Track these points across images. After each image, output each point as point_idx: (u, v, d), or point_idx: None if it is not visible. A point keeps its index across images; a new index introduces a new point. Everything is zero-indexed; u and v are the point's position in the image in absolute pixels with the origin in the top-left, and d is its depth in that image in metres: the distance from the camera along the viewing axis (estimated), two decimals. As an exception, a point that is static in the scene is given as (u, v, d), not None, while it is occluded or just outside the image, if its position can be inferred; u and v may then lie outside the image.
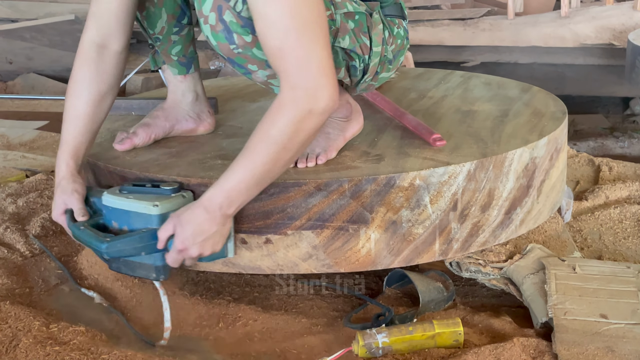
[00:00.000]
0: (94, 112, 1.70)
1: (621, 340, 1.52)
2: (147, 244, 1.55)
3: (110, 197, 1.61)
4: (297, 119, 1.47)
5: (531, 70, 4.47)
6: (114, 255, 1.56)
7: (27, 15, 4.76)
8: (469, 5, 5.56)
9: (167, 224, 1.54)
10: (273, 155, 1.49)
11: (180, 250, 1.53)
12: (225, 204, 1.51)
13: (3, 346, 1.55)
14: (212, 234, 1.53)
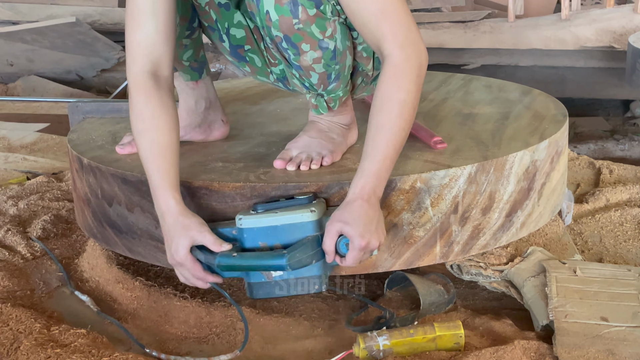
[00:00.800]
0: (174, 142, 1.60)
1: (622, 343, 1.52)
2: (315, 251, 1.50)
3: (251, 219, 1.53)
4: (416, 75, 1.52)
5: (532, 72, 4.47)
6: (295, 266, 1.48)
7: (28, 18, 4.76)
8: (470, 8, 5.56)
9: (329, 231, 1.49)
10: (407, 118, 1.52)
11: (363, 246, 1.48)
12: (378, 187, 1.51)
13: (4, 348, 1.55)
14: (377, 220, 1.51)
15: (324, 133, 1.76)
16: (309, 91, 1.71)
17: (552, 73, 4.46)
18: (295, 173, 1.67)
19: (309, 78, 1.66)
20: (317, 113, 1.76)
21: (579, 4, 4.90)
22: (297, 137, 1.77)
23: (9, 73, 4.38)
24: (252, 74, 1.83)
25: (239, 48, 1.76)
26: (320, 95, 1.72)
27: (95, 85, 4.25)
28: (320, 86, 1.69)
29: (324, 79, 1.67)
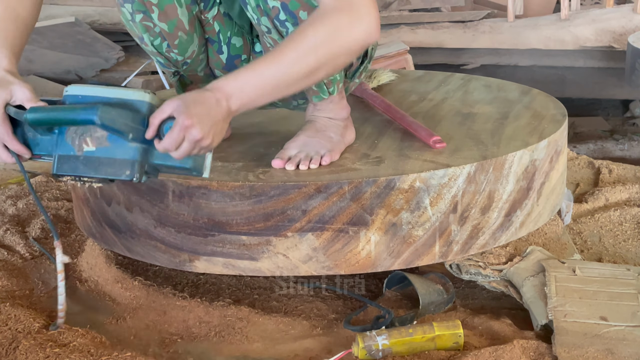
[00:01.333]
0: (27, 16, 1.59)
1: (621, 342, 1.52)
2: (136, 127, 1.34)
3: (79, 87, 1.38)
4: (336, 25, 1.40)
5: (531, 72, 4.47)
6: (106, 122, 1.30)
7: (28, 18, 4.76)
8: (469, 8, 5.56)
9: (165, 105, 1.35)
10: (301, 58, 1.40)
11: (186, 126, 1.33)
12: (235, 96, 1.39)
13: (3, 348, 1.55)
14: (216, 122, 1.37)
15: (322, 132, 1.76)
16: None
17: (551, 73, 4.46)
18: (294, 172, 1.68)
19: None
20: (318, 100, 1.74)
21: (578, 4, 4.90)
22: (295, 136, 1.77)
23: (9, 73, 4.37)
24: None
25: (236, 59, 1.78)
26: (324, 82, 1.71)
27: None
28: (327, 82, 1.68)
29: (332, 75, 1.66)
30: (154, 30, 1.66)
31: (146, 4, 1.61)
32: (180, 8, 1.64)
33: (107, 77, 4.25)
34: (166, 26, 1.65)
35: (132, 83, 4.02)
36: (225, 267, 1.69)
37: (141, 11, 1.62)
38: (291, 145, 1.74)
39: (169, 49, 1.70)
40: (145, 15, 1.63)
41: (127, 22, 1.67)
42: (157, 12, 1.62)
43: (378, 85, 2.35)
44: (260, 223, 1.64)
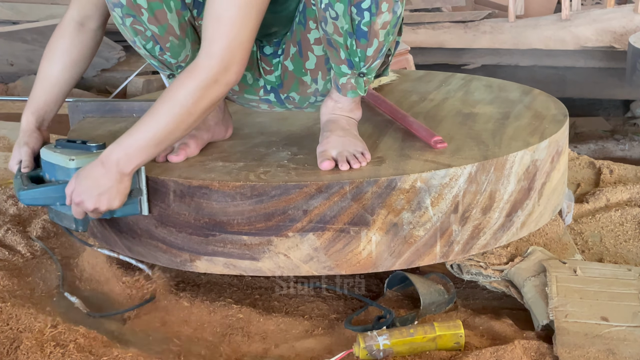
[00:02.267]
0: (63, 76, 1.81)
1: (622, 343, 1.52)
2: (60, 196, 1.65)
3: (45, 151, 1.72)
4: (205, 85, 1.56)
5: (532, 72, 4.47)
6: (28, 202, 1.68)
7: (28, 17, 4.76)
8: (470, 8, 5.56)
9: (72, 178, 1.62)
10: (176, 117, 1.57)
11: (77, 203, 1.61)
12: (123, 161, 1.57)
13: (4, 348, 1.55)
14: (107, 189, 1.59)
15: (348, 131, 1.76)
16: (351, 70, 1.70)
17: (552, 73, 4.47)
18: (295, 172, 1.67)
19: (370, 47, 1.65)
20: (353, 95, 1.75)
21: (579, 4, 4.90)
22: (324, 137, 1.74)
23: (9, 73, 4.38)
24: (238, 93, 1.84)
25: None
26: (361, 75, 1.71)
27: (95, 84, 4.25)
28: (369, 60, 1.68)
29: (378, 50, 1.67)
30: (145, 34, 1.67)
31: (135, 8, 1.62)
32: (170, 13, 1.64)
33: (107, 77, 4.25)
34: (157, 30, 1.66)
35: (133, 83, 4.02)
36: (226, 267, 1.69)
37: (130, 15, 1.63)
38: (327, 146, 1.71)
39: (161, 52, 1.71)
40: (135, 19, 1.64)
41: (119, 25, 1.68)
42: (147, 16, 1.63)
43: (379, 85, 2.35)
44: (261, 223, 1.64)
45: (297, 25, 1.75)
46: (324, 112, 1.81)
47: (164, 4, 1.63)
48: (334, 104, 1.79)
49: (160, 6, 1.63)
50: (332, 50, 1.69)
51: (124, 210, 1.67)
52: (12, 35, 4.24)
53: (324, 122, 1.80)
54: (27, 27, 4.27)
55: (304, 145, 1.83)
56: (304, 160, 1.74)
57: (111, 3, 1.63)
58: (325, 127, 1.78)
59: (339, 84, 1.74)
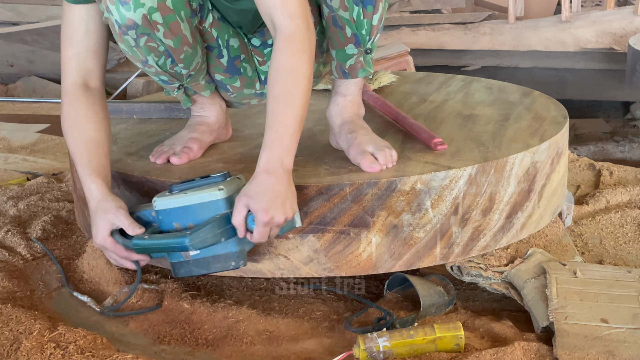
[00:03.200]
0: (100, 137, 1.69)
1: (622, 344, 1.52)
2: (224, 229, 1.51)
3: (164, 200, 1.56)
4: (307, 44, 1.53)
5: (532, 74, 4.47)
6: (198, 246, 1.51)
7: (29, 18, 4.76)
8: (470, 10, 5.56)
9: (237, 207, 1.49)
10: (304, 87, 1.52)
11: (266, 222, 1.47)
12: (284, 157, 1.50)
13: (4, 349, 1.55)
14: (285, 194, 1.49)
15: (368, 129, 1.77)
16: (358, 48, 1.71)
17: (552, 75, 4.47)
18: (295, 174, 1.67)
19: (376, 13, 1.66)
20: (364, 74, 1.75)
21: (579, 5, 4.91)
22: (352, 139, 1.72)
23: (9, 74, 4.38)
24: (239, 88, 1.84)
25: (236, 59, 1.79)
26: (367, 51, 1.72)
27: (95, 86, 4.25)
28: (374, 32, 1.70)
29: (380, 19, 1.69)
30: (158, 50, 1.66)
31: (151, 25, 1.60)
32: (182, 23, 1.64)
33: (108, 78, 4.25)
34: (172, 42, 1.65)
35: (133, 84, 4.02)
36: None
37: (145, 34, 1.62)
38: (361, 146, 1.70)
39: (173, 65, 1.70)
40: (150, 37, 1.62)
41: (130, 48, 1.66)
42: (163, 31, 1.62)
43: (379, 87, 2.35)
44: (262, 224, 1.63)
45: None
46: (334, 114, 1.80)
47: (176, 15, 1.62)
48: (343, 99, 1.79)
49: (174, 18, 1.62)
50: (337, 30, 1.69)
51: (287, 224, 1.55)
52: (12, 36, 4.24)
53: (340, 124, 1.78)
54: (27, 28, 4.27)
55: (304, 147, 1.83)
56: (304, 162, 1.74)
57: (124, 27, 1.60)
58: (344, 129, 1.77)
59: (346, 69, 1.74)
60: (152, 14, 1.59)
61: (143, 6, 1.58)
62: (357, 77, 1.76)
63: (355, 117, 1.79)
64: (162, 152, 1.81)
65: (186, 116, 2.11)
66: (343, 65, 1.74)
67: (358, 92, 1.79)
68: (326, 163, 1.74)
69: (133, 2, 1.57)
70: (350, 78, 1.76)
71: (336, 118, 1.80)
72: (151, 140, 1.98)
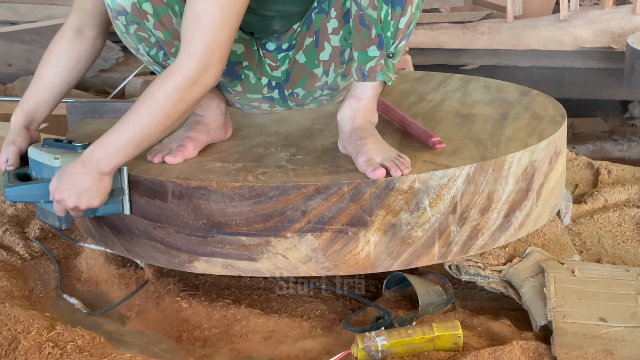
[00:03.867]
0: (56, 80, 1.83)
1: (620, 343, 1.52)
2: (44, 193, 1.67)
3: (32, 149, 1.75)
4: (184, 87, 1.56)
5: (530, 73, 4.47)
6: (13, 199, 1.72)
7: (27, 18, 4.76)
8: (468, 9, 5.56)
9: (55, 176, 1.64)
10: (155, 119, 1.58)
11: (57, 200, 1.62)
12: (103, 160, 1.59)
13: (2, 349, 1.55)
14: (87, 188, 1.60)
15: (379, 137, 1.73)
16: (380, 51, 1.68)
17: (550, 74, 4.47)
18: (293, 173, 1.67)
19: (404, 16, 1.64)
20: (383, 78, 1.71)
21: (577, 4, 4.91)
22: (361, 145, 1.69)
23: (8, 73, 4.37)
24: (241, 93, 1.83)
25: (237, 65, 1.78)
26: (390, 55, 1.69)
27: (93, 85, 4.25)
28: (399, 37, 1.67)
29: (408, 25, 1.66)
30: (149, 41, 1.66)
31: (140, 15, 1.61)
32: (175, 17, 1.64)
33: (106, 77, 4.25)
34: (162, 35, 1.65)
35: (131, 83, 4.02)
36: (225, 267, 1.69)
37: (135, 22, 1.63)
38: (369, 154, 1.66)
39: (165, 58, 1.70)
40: (140, 26, 1.63)
41: (122, 34, 1.68)
42: (153, 22, 1.63)
43: (377, 86, 2.35)
44: (260, 224, 1.64)
45: (316, 15, 1.73)
46: (346, 118, 1.75)
47: (169, 9, 1.63)
48: (357, 103, 1.74)
49: (165, 11, 1.63)
50: (363, 29, 1.66)
51: (106, 209, 1.69)
52: (10, 35, 4.24)
53: (350, 130, 1.74)
54: (25, 28, 4.27)
55: (303, 146, 1.83)
56: (302, 161, 1.74)
57: (115, 12, 1.63)
58: (354, 135, 1.72)
59: (365, 71, 1.70)
60: (142, 3, 1.61)
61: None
62: (376, 80, 1.71)
63: (368, 123, 1.75)
64: (159, 150, 1.81)
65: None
66: (363, 67, 1.70)
67: (374, 98, 1.74)
68: (324, 162, 1.73)
69: None
70: (369, 80, 1.71)
71: (347, 123, 1.75)
72: (149, 139, 1.98)
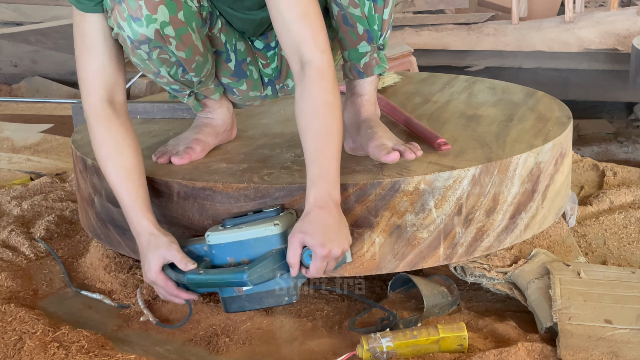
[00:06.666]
0: (139, 164, 1.66)
1: (626, 345, 1.51)
2: (280, 264, 1.52)
3: (218, 235, 1.57)
4: (335, 79, 1.56)
5: (535, 75, 4.47)
6: (256, 281, 1.51)
7: (32, 19, 4.77)
8: (473, 10, 5.56)
9: (292, 244, 1.48)
10: (339, 119, 1.54)
11: (324, 255, 1.47)
12: (332, 189, 1.50)
13: (7, 348, 1.56)
14: (338, 226, 1.50)
15: (386, 127, 1.75)
16: (371, 45, 1.70)
17: (555, 75, 4.46)
18: (299, 174, 1.67)
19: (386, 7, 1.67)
20: (380, 71, 1.74)
21: (582, 6, 4.90)
22: (372, 133, 1.71)
23: (13, 74, 4.38)
24: (245, 91, 1.84)
25: (243, 63, 1.80)
26: (380, 47, 1.72)
27: (98, 86, 4.25)
28: (385, 27, 1.70)
29: (390, 13, 1.69)
30: (170, 61, 1.65)
31: (163, 39, 1.59)
32: (194, 34, 1.64)
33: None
34: (184, 54, 1.64)
35: (136, 84, 4.03)
36: (230, 268, 1.68)
37: (158, 47, 1.61)
38: (381, 140, 1.68)
39: (184, 74, 1.70)
40: (162, 50, 1.62)
41: (143, 62, 1.64)
42: (175, 44, 1.61)
43: (382, 88, 2.35)
44: (265, 225, 1.63)
45: None
46: (350, 115, 1.78)
47: (188, 27, 1.62)
48: (360, 99, 1.77)
49: (185, 30, 1.62)
50: (348, 29, 1.68)
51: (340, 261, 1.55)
52: (16, 36, 4.25)
53: (358, 122, 1.76)
54: (31, 29, 4.28)
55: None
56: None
57: (137, 42, 1.59)
58: (364, 125, 1.75)
59: (360, 68, 1.73)
60: (164, 28, 1.58)
61: (155, 21, 1.56)
62: (373, 75, 1.75)
63: (373, 115, 1.78)
64: (165, 152, 1.81)
65: (190, 116, 2.11)
66: (357, 65, 1.73)
67: (374, 91, 1.78)
68: (330, 163, 1.73)
69: (145, 17, 1.56)
70: (366, 76, 1.75)
71: (353, 118, 1.78)
72: (154, 140, 1.99)
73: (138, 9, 1.55)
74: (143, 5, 1.55)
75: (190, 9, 1.61)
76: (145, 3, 1.55)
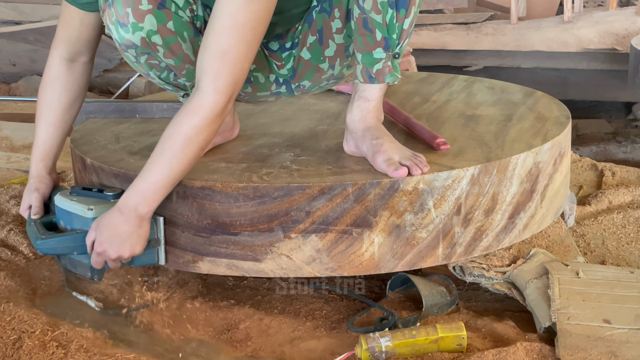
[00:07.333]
0: (64, 117, 1.83)
1: (624, 345, 1.52)
2: (78, 245, 1.64)
3: (60, 198, 1.72)
4: (213, 120, 1.55)
5: (534, 74, 4.47)
6: (46, 252, 1.69)
7: (31, 18, 4.76)
8: (472, 10, 5.56)
9: (91, 228, 1.61)
10: (189, 155, 1.56)
11: (98, 252, 1.60)
12: (141, 205, 1.57)
13: (7, 348, 1.56)
14: (128, 236, 1.58)
15: (391, 137, 1.73)
16: (386, 52, 1.67)
17: (554, 75, 4.46)
18: (298, 174, 1.67)
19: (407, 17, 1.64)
20: (391, 79, 1.70)
21: (581, 6, 4.90)
22: (377, 145, 1.69)
23: (12, 73, 4.38)
24: (251, 93, 1.83)
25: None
26: (396, 56, 1.69)
27: (97, 85, 4.25)
28: (404, 37, 1.67)
29: (411, 24, 1.66)
30: (159, 66, 1.67)
31: (150, 46, 1.61)
32: (184, 43, 1.64)
33: (110, 77, 4.26)
34: (173, 62, 1.65)
35: (135, 83, 4.02)
36: (229, 268, 1.69)
37: (145, 53, 1.63)
38: (387, 153, 1.66)
39: (175, 78, 1.71)
40: (150, 55, 1.64)
41: (132, 63, 1.68)
42: (163, 51, 1.63)
43: (381, 87, 2.35)
44: (264, 224, 1.64)
45: (317, 14, 1.73)
46: (357, 119, 1.74)
47: (178, 37, 1.62)
48: (367, 104, 1.74)
49: (174, 39, 1.62)
50: (366, 33, 1.65)
51: (142, 260, 1.66)
52: (14, 35, 4.24)
53: (363, 130, 1.73)
54: (29, 28, 4.27)
55: (307, 147, 1.84)
56: (306, 161, 1.74)
57: (124, 46, 1.62)
58: (369, 134, 1.72)
59: (372, 73, 1.69)
60: (151, 36, 1.60)
61: (141, 29, 1.58)
62: (384, 82, 1.71)
63: (378, 122, 1.75)
64: None
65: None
66: (370, 70, 1.69)
67: (381, 97, 1.75)
68: (329, 163, 1.74)
69: (131, 25, 1.58)
70: (377, 83, 1.71)
71: (359, 123, 1.75)
72: (153, 139, 1.98)
73: (125, 15, 1.58)
74: (130, 13, 1.57)
75: (180, 20, 1.61)
76: (132, 11, 1.57)
